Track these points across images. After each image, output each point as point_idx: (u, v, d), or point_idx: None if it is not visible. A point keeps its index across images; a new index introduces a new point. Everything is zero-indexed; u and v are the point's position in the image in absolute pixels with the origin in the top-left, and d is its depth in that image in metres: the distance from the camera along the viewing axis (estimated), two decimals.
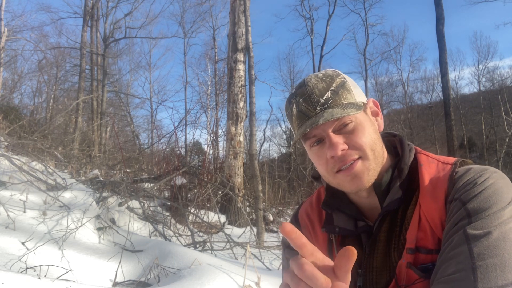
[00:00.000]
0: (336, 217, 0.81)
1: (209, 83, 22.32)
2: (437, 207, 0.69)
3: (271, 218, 7.09)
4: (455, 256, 0.60)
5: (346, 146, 0.72)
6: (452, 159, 0.75)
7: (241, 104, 7.49)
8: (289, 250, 0.89)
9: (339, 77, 0.77)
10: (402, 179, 0.75)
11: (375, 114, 0.81)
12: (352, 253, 0.48)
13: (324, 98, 0.73)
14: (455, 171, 0.71)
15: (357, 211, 0.80)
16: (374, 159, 0.73)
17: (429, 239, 0.69)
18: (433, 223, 0.69)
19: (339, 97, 0.73)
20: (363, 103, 0.77)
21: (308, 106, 0.74)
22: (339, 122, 0.73)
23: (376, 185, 0.75)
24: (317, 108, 0.73)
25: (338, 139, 0.72)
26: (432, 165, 0.75)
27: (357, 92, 0.77)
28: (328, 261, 0.53)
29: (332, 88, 0.74)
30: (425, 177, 0.73)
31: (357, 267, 0.78)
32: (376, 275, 0.75)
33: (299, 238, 0.51)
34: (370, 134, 0.74)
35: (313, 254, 0.52)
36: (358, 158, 0.72)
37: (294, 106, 0.76)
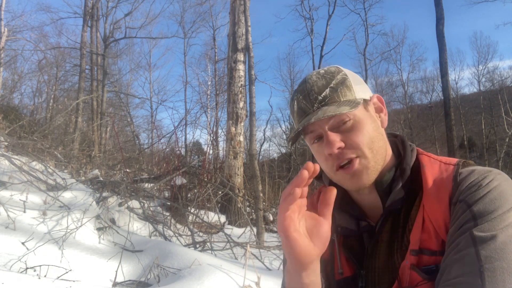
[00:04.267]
0: (338, 216, 0.81)
1: (209, 83, 22.33)
2: (441, 209, 0.68)
3: (271, 218, 7.08)
4: (461, 258, 0.60)
5: (342, 144, 0.71)
6: (454, 160, 0.75)
7: (241, 104, 7.48)
8: None
9: (340, 74, 0.76)
10: (404, 179, 0.74)
11: (379, 110, 0.80)
12: (332, 191, 0.66)
13: (322, 95, 0.73)
14: (458, 172, 0.70)
15: (359, 210, 0.80)
16: (373, 157, 0.72)
17: (433, 241, 0.68)
18: (437, 224, 0.68)
19: (337, 94, 0.73)
20: (364, 99, 0.75)
21: (307, 103, 0.74)
22: (337, 119, 0.72)
23: (378, 183, 0.75)
24: (315, 105, 0.73)
25: (334, 137, 0.71)
26: (435, 166, 0.74)
27: (358, 89, 0.75)
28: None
29: (332, 85, 0.74)
30: (428, 178, 0.72)
31: (359, 268, 0.78)
32: (378, 276, 0.75)
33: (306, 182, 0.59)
34: (368, 132, 0.73)
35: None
36: (356, 157, 0.71)
37: (295, 103, 0.77)
